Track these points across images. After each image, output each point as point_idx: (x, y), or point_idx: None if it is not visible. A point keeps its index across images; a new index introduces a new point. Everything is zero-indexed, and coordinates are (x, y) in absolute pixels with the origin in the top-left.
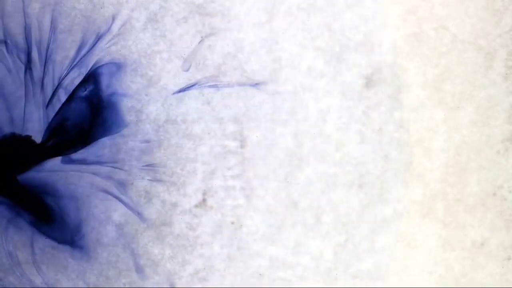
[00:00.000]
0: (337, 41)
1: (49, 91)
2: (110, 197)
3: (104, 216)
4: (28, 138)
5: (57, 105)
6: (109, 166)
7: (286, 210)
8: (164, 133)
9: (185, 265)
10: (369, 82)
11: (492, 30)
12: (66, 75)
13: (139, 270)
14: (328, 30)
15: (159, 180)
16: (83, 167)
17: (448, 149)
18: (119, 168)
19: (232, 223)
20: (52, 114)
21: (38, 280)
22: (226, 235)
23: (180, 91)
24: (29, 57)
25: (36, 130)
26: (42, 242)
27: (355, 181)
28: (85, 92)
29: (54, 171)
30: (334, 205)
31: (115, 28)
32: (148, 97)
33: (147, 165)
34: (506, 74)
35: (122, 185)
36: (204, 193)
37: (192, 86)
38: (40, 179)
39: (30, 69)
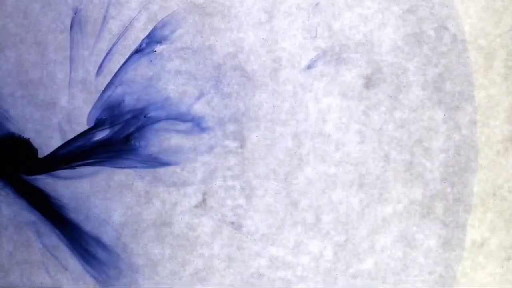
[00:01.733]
0: (337, 41)
1: (104, 45)
2: (110, 196)
3: (104, 216)
4: (26, 141)
5: (115, 67)
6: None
7: (286, 210)
8: (164, 133)
9: (185, 265)
10: (369, 82)
11: (492, 30)
12: (135, 19)
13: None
14: (328, 30)
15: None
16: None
17: (448, 149)
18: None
19: (232, 223)
20: (107, 79)
21: (38, 280)
22: (226, 235)
23: (310, 65)
24: None
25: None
26: (43, 242)
27: (355, 181)
28: (159, 48)
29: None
30: (334, 205)
31: None
32: (148, 97)
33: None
34: (506, 74)
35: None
36: (204, 193)
37: (320, 58)
38: (40, 179)
39: (79, 13)
